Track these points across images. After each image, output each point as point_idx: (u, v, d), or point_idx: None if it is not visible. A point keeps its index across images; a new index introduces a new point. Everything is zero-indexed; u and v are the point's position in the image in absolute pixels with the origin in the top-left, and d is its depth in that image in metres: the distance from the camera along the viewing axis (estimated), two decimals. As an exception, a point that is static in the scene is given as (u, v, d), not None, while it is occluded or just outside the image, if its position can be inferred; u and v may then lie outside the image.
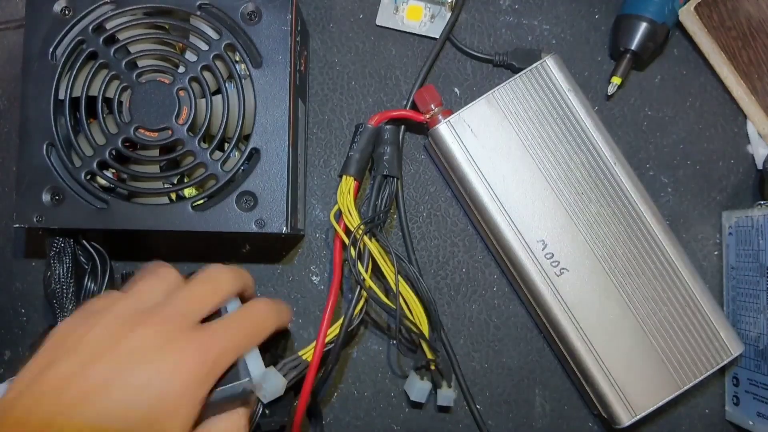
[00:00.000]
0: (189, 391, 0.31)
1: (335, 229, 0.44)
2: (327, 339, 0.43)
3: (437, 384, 0.46)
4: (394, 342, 0.47)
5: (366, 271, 0.43)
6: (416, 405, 0.48)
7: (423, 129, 0.48)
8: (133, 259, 0.49)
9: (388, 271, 0.44)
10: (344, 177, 0.45)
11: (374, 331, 0.49)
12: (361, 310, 0.44)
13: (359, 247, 0.43)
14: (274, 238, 0.49)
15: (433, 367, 0.45)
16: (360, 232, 0.43)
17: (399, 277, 0.43)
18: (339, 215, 0.45)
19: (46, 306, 0.49)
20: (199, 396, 0.32)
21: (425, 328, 0.44)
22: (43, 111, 0.42)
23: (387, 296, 0.44)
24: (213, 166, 0.42)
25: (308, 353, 0.42)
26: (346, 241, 0.44)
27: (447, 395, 0.46)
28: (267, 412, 0.39)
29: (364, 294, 0.43)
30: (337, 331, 0.43)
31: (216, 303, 0.36)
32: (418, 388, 0.46)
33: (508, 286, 0.49)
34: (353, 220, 0.44)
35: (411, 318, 0.44)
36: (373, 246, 0.44)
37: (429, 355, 0.44)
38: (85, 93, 0.42)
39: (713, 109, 0.50)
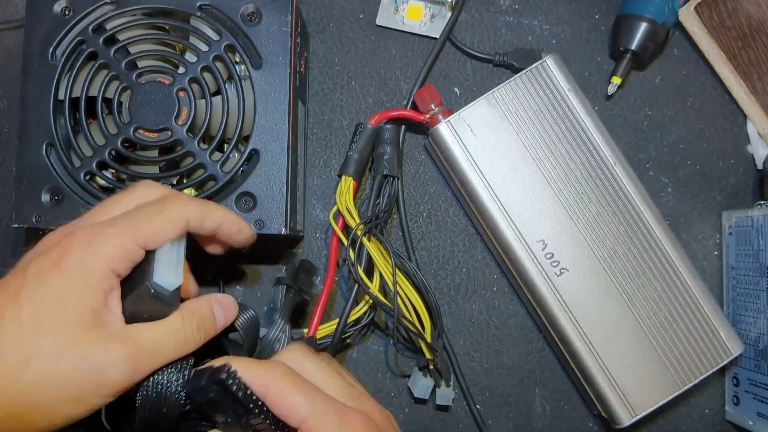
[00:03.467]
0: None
1: (334, 229, 0.44)
2: (321, 335, 0.43)
3: (436, 384, 0.46)
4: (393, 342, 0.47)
5: (364, 270, 0.43)
6: (419, 401, 0.48)
7: (423, 129, 0.48)
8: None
9: (387, 271, 0.44)
10: (343, 177, 0.45)
11: (374, 331, 0.49)
12: (366, 313, 0.44)
13: (358, 246, 0.43)
14: (274, 239, 0.49)
15: (431, 367, 0.45)
16: (359, 231, 0.43)
17: (397, 274, 0.43)
18: (338, 215, 0.45)
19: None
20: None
21: (427, 325, 0.44)
22: (42, 111, 0.42)
23: (386, 296, 0.44)
24: (212, 167, 0.42)
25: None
26: (345, 240, 0.43)
27: (446, 394, 0.46)
28: None
29: (368, 299, 0.43)
30: (336, 324, 0.43)
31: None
32: (421, 385, 0.46)
33: (508, 286, 0.49)
34: (353, 219, 0.44)
35: (411, 317, 0.44)
36: (372, 246, 0.44)
37: (427, 355, 0.44)
38: (84, 93, 0.42)
39: (713, 109, 0.50)
